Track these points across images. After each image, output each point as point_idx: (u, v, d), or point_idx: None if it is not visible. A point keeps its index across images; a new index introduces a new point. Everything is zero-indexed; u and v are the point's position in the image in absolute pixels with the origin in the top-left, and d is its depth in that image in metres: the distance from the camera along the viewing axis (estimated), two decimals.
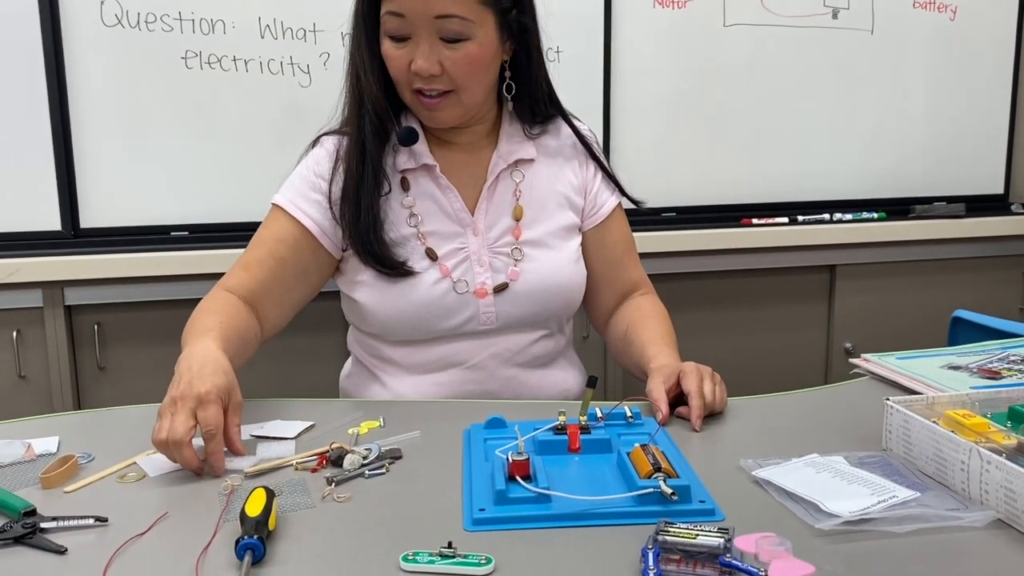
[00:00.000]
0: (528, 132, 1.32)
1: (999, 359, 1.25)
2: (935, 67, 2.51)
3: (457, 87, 1.19)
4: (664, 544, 0.75)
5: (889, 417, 0.98)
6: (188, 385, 0.97)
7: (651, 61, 2.32)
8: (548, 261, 1.29)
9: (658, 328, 1.30)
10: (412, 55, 1.17)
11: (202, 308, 1.18)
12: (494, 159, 1.29)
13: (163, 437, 0.93)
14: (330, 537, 0.81)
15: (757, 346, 2.39)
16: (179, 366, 1.02)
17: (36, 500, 0.87)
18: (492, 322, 1.27)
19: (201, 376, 0.98)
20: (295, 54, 2.07)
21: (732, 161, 2.41)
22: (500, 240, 1.28)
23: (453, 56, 1.17)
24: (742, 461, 0.95)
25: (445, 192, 1.27)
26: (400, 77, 1.20)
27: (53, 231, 2.01)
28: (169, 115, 2.04)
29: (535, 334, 1.31)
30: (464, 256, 1.26)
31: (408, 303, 1.23)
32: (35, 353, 1.97)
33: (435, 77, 1.17)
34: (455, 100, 1.21)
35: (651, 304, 1.37)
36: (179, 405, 0.95)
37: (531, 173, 1.31)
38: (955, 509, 0.83)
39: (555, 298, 1.30)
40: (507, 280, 1.27)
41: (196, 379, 0.97)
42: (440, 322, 1.25)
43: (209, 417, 0.95)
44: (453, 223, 1.27)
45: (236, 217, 2.09)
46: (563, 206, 1.33)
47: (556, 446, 0.99)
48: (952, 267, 2.47)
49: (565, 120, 1.35)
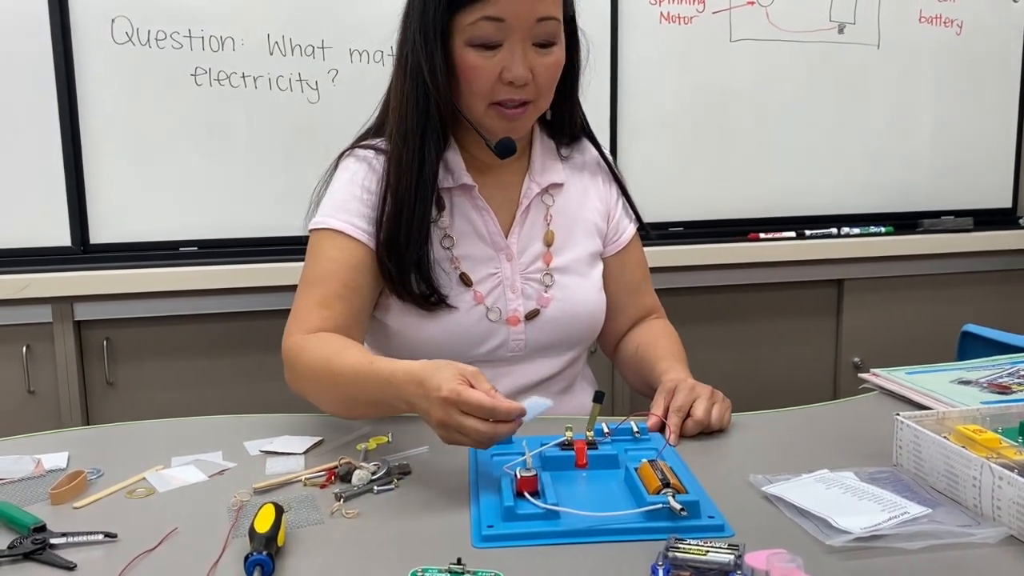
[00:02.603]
0: (559, 153, 1.30)
1: (1009, 374, 1.24)
2: (941, 81, 2.51)
3: (538, 95, 1.16)
4: (674, 561, 0.74)
5: (899, 432, 0.97)
6: (432, 403, 0.91)
7: (658, 76, 2.32)
8: (577, 289, 1.27)
9: (669, 347, 1.29)
10: (503, 63, 1.12)
11: (312, 359, 1.09)
12: (527, 183, 1.26)
13: (486, 438, 0.90)
14: (339, 553, 0.81)
15: (765, 361, 2.38)
16: (399, 398, 0.97)
17: (45, 516, 0.87)
18: (521, 349, 1.24)
19: (427, 396, 0.92)
20: (304, 71, 2.08)
21: (739, 176, 2.41)
22: (532, 266, 1.25)
23: (545, 62, 1.13)
24: (751, 477, 0.94)
25: (482, 214, 1.24)
26: (485, 87, 1.13)
27: (63, 247, 2.02)
28: (178, 131, 2.05)
29: (560, 359, 1.28)
30: (497, 282, 1.23)
31: (442, 331, 1.20)
32: (44, 368, 1.97)
33: (525, 87, 1.13)
34: (532, 111, 1.17)
35: (662, 325, 1.37)
36: (449, 421, 0.90)
37: (561, 198, 1.29)
38: (967, 525, 0.83)
39: (582, 326, 1.28)
40: (538, 307, 1.24)
41: (430, 395, 0.91)
42: (471, 349, 1.22)
43: (474, 413, 0.89)
44: (487, 247, 1.24)
45: (245, 232, 2.10)
46: (590, 232, 1.31)
47: (563, 462, 0.99)
48: (961, 281, 2.46)
49: (591, 141, 1.33)
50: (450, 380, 0.90)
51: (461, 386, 0.89)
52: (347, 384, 1.04)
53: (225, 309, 2.03)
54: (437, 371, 0.93)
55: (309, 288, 1.17)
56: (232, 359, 2.06)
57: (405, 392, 0.96)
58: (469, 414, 0.89)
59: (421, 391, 0.93)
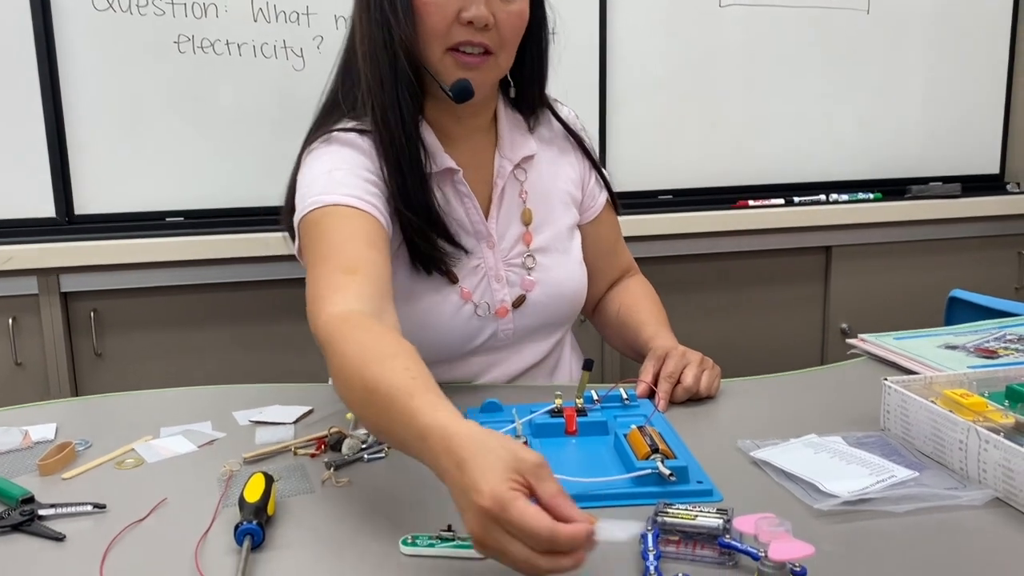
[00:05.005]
0: (528, 125, 1.24)
1: (996, 338, 1.25)
2: (931, 47, 2.50)
3: (500, 46, 1.09)
4: (663, 525, 0.75)
5: (887, 397, 0.98)
6: (470, 508, 0.66)
7: (647, 43, 2.30)
8: (560, 268, 1.24)
9: (651, 309, 1.30)
10: (461, 3, 1.05)
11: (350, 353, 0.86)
12: (498, 160, 1.20)
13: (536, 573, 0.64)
14: (329, 522, 0.81)
15: (753, 327, 2.39)
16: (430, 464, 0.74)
17: (34, 487, 0.87)
18: (510, 337, 1.21)
19: (463, 490, 0.67)
20: (288, 38, 2.05)
21: (728, 143, 2.41)
22: (513, 250, 1.21)
23: (507, 8, 1.08)
24: (740, 442, 0.95)
25: (463, 201, 1.17)
26: (440, 27, 1.06)
27: (47, 218, 2.00)
28: (162, 100, 2.02)
29: (549, 341, 1.26)
30: (482, 274, 1.18)
31: (431, 331, 1.14)
32: (31, 340, 1.96)
33: (485, 31, 1.06)
34: (493, 64, 1.10)
35: (640, 284, 1.37)
36: (487, 539, 0.66)
37: (534, 171, 1.24)
38: (953, 488, 0.83)
39: (568, 304, 1.25)
40: (522, 292, 1.20)
41: (467, 494, 0.66)
42: (461, 347, 1.18)
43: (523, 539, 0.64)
44: (470, 236, 1.18)
45: (231, 202, 2.08)
46: (566, 204, 1.27)
47: (553, 429, 0.99)
48: (948, 247, 2.47)
49: (554, 115, 1.27)
50: (499, 480, 0.65)
51: (512, 493, 0.64)
52: (377, 407, 0.81)
53: (213, 280, 2.02)
54: (481, 458, 0.67)
55: (324, 261, 1.00)
56: (220, 329, 2.05)
57: (439, 463, 0.71)
58: (516, 537, 0.64)
59: (458, 477, 0.68)
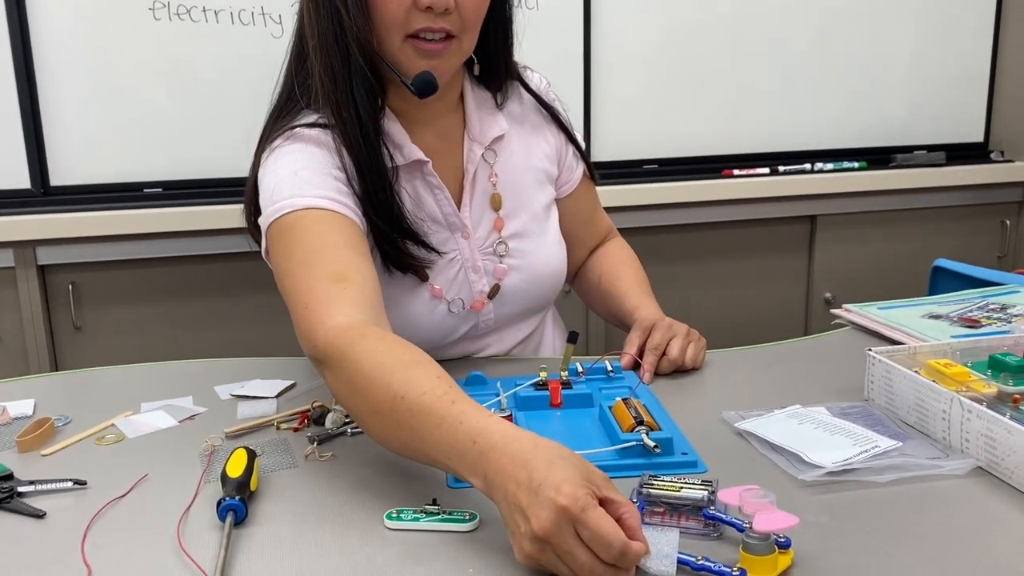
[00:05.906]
0: (496, 102, 1.17)
1: (979, 308, 1.26)
2: (916, 16, 2.49)
3: (463, 29, 1.02)
4: (648, 497, 0.75)
5: (871, 368, 0.98)
6: (542, 505, 0.64)
7: (632, 12, 2.27)
8: (537, 251, 1.19)
9: (633, 276, 1.29)
10: None
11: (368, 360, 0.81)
12: (467, 144, 1.14)
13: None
14: (313, 496, 0.81)
15: (737, 297, 2.39)
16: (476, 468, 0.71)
17: (12, 464, 0.86)
18: (491, 325, 1.18)
19: (534, 491, 0.65)
20: (266, 4, 2.01)
21: (713, 112, 2.39)
22: (487, 240, 1.16)
23: None
24: (724, 413, 0.95)
25: (434, 193, 1.12)
26: (397, 15, 0.99)
27: (22, 189, 1.97)
28: (138, 68, 1.98)
29: (532, 320, 1.25)
30: (458, 266, 1.13)
31: (409, 330, 1.06)
32: (9, 314, 1.94)
33: (446, 15, 0.99)
34: (456, 48, 1.03)
35: (620, 248, 1.36)
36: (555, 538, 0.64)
37: (504, 152, 1.18)
38: (936, 458, 0.84)
39: (547, 285, 1.22)
40: (496, 281, 1.16)
41: (541, 493, 0.65)
42: (441, 339, 1.15)
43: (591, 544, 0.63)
44: (443, 229, 1.13)
45: (210, 173, 2.04)
46: (541, 183, 1.22)
47: (537, 402, 0.99)
48: (932, 216, 2.47)
49: (520, 82, 1.20)
50: (578, 484, 0.65)
51: (590, 499, 0.64)
52: (406, 413, 0.77)
53: (193, 252, 1.99)
54: (556, 462, 0.67)
55: (306, 269, 0.93)
56: (201, 302, 2.03)
57: (494, 466, 0.69)
58: (584, 542, 0.64)
59: (525, 478, 0.66)
